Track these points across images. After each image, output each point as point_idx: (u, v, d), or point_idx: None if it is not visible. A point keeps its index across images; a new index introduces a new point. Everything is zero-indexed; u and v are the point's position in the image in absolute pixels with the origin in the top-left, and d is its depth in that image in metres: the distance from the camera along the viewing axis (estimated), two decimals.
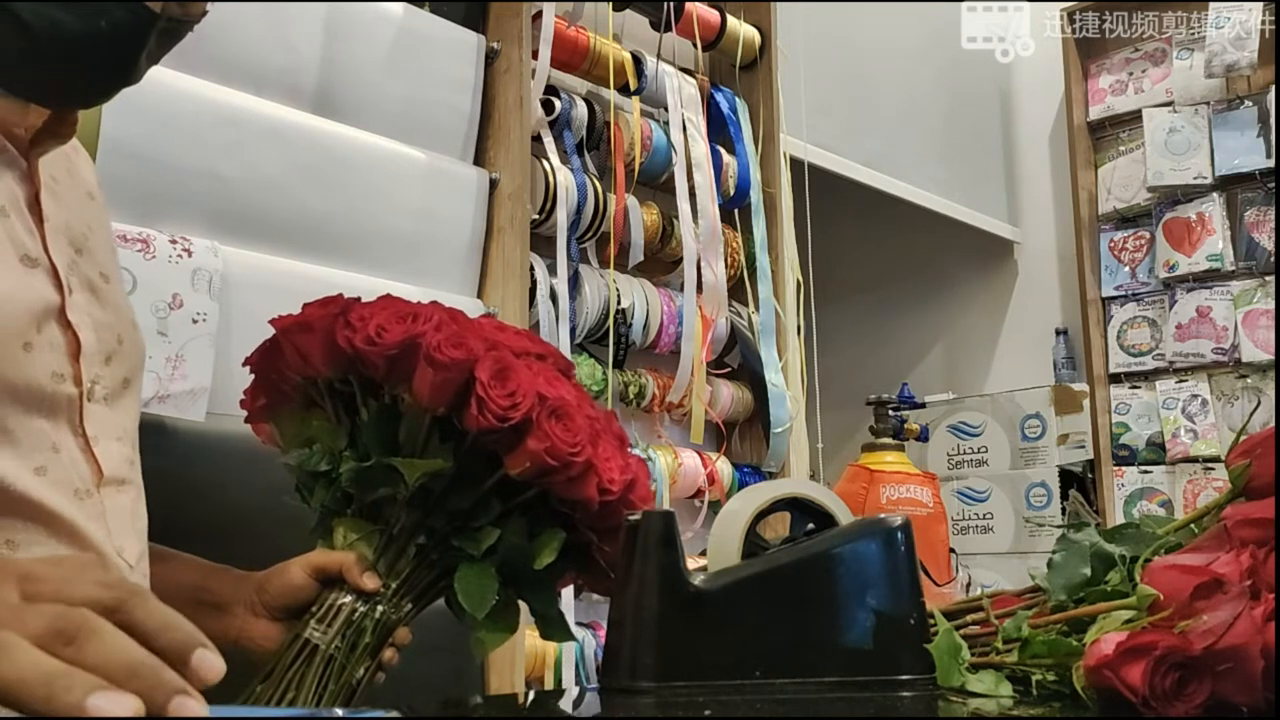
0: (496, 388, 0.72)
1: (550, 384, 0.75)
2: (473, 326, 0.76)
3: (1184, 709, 0.58)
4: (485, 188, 1.79)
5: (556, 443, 0.72)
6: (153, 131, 1.36)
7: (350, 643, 0.75)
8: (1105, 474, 3.06)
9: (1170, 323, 3.01)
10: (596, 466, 0.75)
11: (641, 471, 0.81)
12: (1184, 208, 3.02)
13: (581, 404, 0.77)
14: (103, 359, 0.72)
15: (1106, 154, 3.24)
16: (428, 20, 1.77)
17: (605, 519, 0.78)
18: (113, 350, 0.73)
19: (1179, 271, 3.00)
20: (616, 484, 0.76)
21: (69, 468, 0.67)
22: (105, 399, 0.72)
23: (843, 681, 0.76)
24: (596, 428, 0.77)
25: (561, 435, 0.73)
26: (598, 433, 0.77)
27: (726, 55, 2.35)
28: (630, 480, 0.78)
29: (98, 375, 0.71)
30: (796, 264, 2.37)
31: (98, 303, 0.73)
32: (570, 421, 0.73)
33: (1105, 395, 3.12)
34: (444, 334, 0.73)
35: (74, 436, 0.68)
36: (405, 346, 0.73)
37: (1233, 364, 2.92)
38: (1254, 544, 0.63)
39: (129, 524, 0.72)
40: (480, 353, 0.73)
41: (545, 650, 1.74)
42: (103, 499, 0.70)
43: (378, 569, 0.77)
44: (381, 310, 0.76)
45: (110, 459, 0.71)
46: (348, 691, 0.75)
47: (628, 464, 0.79)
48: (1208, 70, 2.91)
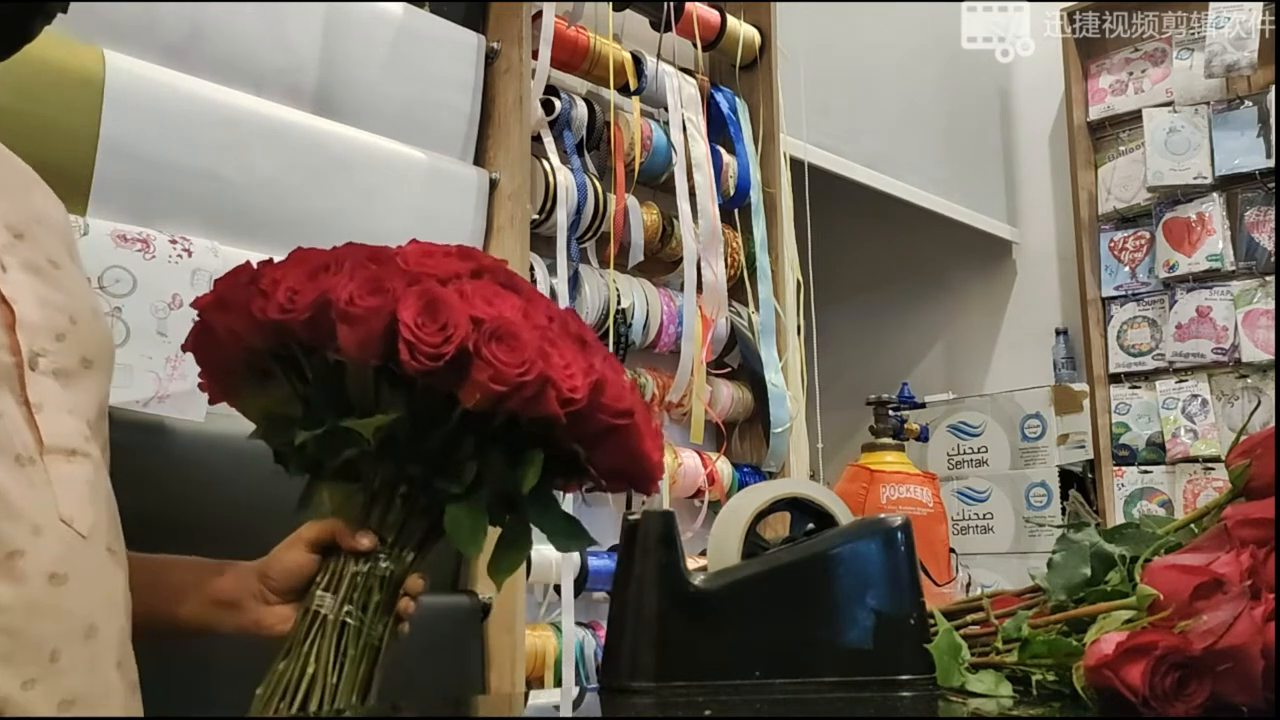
0: (425, 326, 0.67)
1: (488, 303, 0.70)
2: (393, 262, 0.71)
3: (1184, 709, 0.58)
4: (485, 188, 1.79)
5: (501, 368, 0.67)
6: (153, 131, 1.36)
7: (361, 604, 0.75)
8: (1105, 474, 3.06)
9: (1170, 323, 3.01)
10: (553, 379, 0.69)
11: (612, 371, 0.74)
12: (1184, 208, 3.02)
13: (531, 312, 0.72)
14: (51, 335, 0.72)
15: (1106, 154, 3.24)
16: (428, 20, 1.77)
17: (582, 427, 0.73)
18: (64, 329, 0.73)
19: (1179, 271, 3.00)
20: (580, 391, 0.70)
21: (10, 434, 0.67)
22: (55, 374, 0.71)
23: (843, 681, 0.76)
24: (549, 336, 0.71)
25: (505, 358, 0.68)
26: (551, 340, 0.71)
27: (726, 55, 2.35)
28: (596, 382, 0.72)
29: (43, 349, 0.71)
30: (796, 264, 2.37)
31: (43, 284, 0.73)
32: (514, 340, 0.68)
33: (1105, 395, 3.12)
34: (357, 282, 0.69)
35: (17, 405, 0.68)
36: (319, 306, 0.69)
37: (1233, 364, 2.92)
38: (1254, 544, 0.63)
39: (84, 494, 0.71)
40: (400, 292, 0.68)
41: (545, 650, 1.74)
42: (46, 467, 0.68)
43: (370, 526, 0.76)
44: (293, 269, 0.72)
45: (56, 428, 0.70)
46: (372, 653, 0.75)
47: (591, 365, 0.73)
48: (1208, 70, 2.90)
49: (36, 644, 0.65)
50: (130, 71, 1.36)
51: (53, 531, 0.67)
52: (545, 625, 1.79)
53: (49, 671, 0.65)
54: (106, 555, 0.72)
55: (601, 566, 1.86)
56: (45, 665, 0.65)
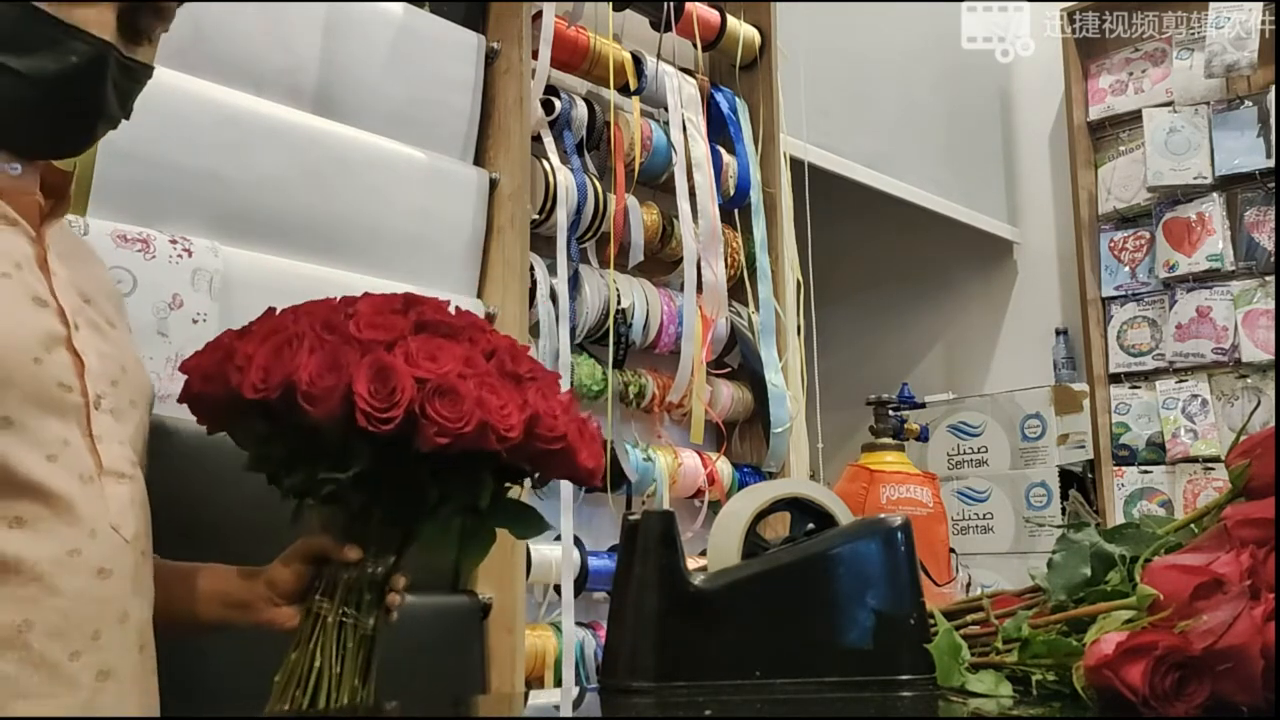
0: (377, 394, 0.78)
1: (431, 360, 0.81)
2: (346, 329, 0.81)
3: (1184, 709, 0.58)
4: (485, 188, 1.79)
5: (443, 423, 0.78)
6: (153, 132, 1.36)
7: (355, 604, 0.89)
8: (1105, 474, 3.06)
9: (1170, 323, 3.01)
10: (491, 423, 0.80)
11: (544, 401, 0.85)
12: (1184, 208, 3.02)
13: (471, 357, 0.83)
14: (108, 381, 0.88)
15: (1106, 154, 3.24)
16: (428, 20, 1.77)
17: (523, 454, 0.84)
18: (117, 376, 0.89)
19: (1179, 271, 3.00)
20: (515, 429, 0.81)
21: (76, 458, 0.82)
22: (112, 412, 0.87)
23: (843, 681, 0.76)
24: (487, 382, 0.82)
25: (447, 413, 0.79)
26: (490, 386, 0.82)
27: (726, 55, 2.35)
28: (530, 417, 0.83)
29: (104, 391, 0.86)
30: (796, 264, 2.37)
31: (103, 339, 0.89)
32: (454, 395, 0.79)
33: (1105, 395, 3.12)
34: (316, 359, 0.79)
35: (82, 436, 0.84)
36: (285, 386, 0.79)
37: (1233, 364, 2.92)
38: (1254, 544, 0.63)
39: (128, 509, 0.87)
40: (353, 366, 0.79)
41: (545, 650, 1.74)
42: (103, 486, 0.84)
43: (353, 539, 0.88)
44: (261, 345, 0.82)
45: (111, 456, 0.86)
46: (367, 642, 0.89)
47: (525, 400, 0.83)
48: (1208, 70, 2.90)
49: (83, 624, 0.81)
50: None
51: (104, 536, 0.83)
52: (545, 625, 1.79)
53: (91, 647, 0.81)
54: (140, 557, 0.88)
55: (601, 566, 1.86)
56: (89, 641, 0.81)
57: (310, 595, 0.90)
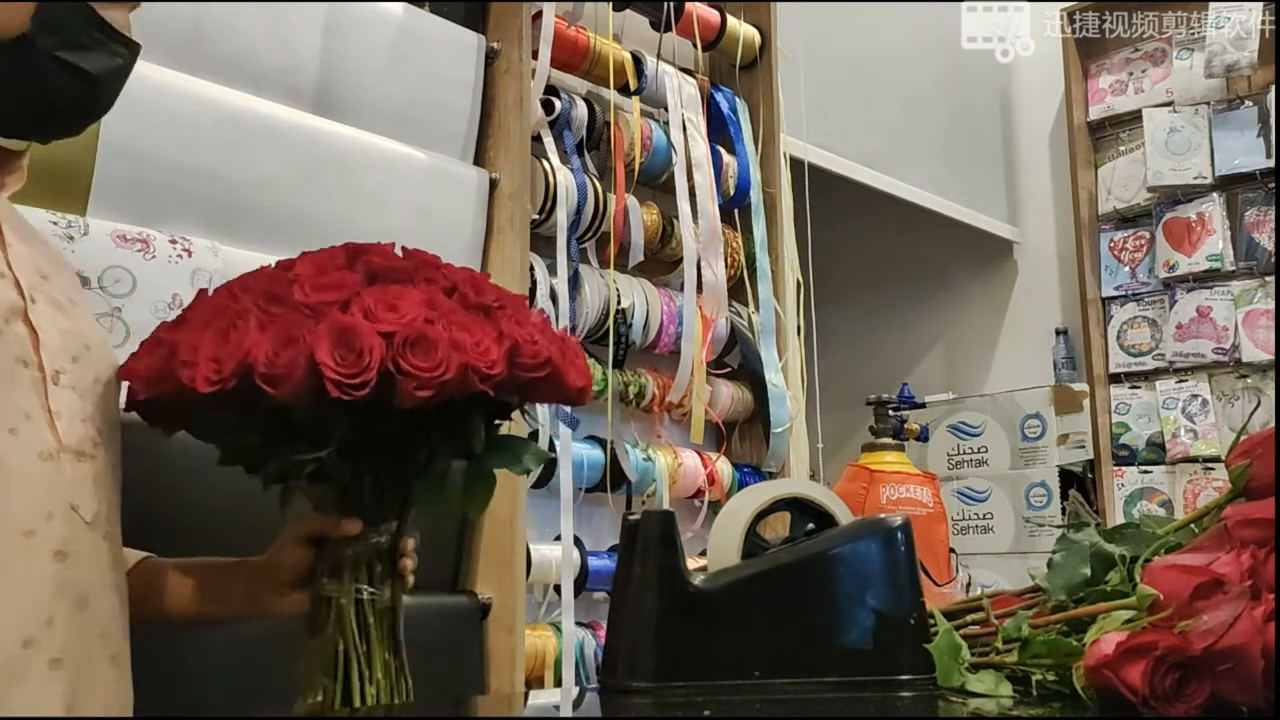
0: (344, 359, 0.71)
1: (392, 310, 0.74)
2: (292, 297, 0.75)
3: (1184, 709, 0.58)
4: (485, 188, 1.79)
5: (422, 375, 0.72)
6: (153, 131, 1.36)
7: (367, 578, 0.84)
8: (1105, 474, 3.06)
9: (1170, 323, 3.01)
10: (471, 364, 0.74)
11: (520, 328, 0.78)
12: (1184, 208, 3.02)
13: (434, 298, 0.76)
14: (69, 357, 0.84)
15: (1106, 154, 3.24)
16: (428, 20, 1.77)
17: (510, 387, 0.78)
18: (79, 353, 0.86)
19: (1179, 271, 3.00)
20: (498, 365, 0.75)
21: (36, 433, 0.79)
22: (73, 388, 0.83)
23: (843, 681, 0.76)
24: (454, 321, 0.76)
25: (423, 363, 0.73)
26: (460, 324, 0.76)
27: (726, 55, 2.35)
28: (510, 349, 0.76)
29: (63, 367, 0.83)
30: (796, 264, 2.37)
31: (64, 316, 0.86)
32: (426, 344, 0.73)
33: (1105, 395, 3.12)
34: (269, 336, 0.73)
35: (42, 411, 0.80)
36: (242, 372, 0.73)
37: (1233, 364, 2.92)
38: (1254, 544, 0.63)
39: (90, 488, 0.83)
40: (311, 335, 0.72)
41: (545, 650, 1.74)
42: (62, 464, 0.80)
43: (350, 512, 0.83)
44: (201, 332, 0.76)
45: (72, 433, 0.82)
46: (389, 614, 0.85)
47: (500, 332, 0.77)
48: (1208, 70, 2.90)
49: (37, 609, 0.76)
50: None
51: (62, 517, 0.79)
52: (545, 625, 1.79)
53: (45, 634, 0.77)
54: (103, 540, 0.84)
55: (601, 566, 1.86)
56: (42, 628, 0.76)
57: (317, 579, 0.85)
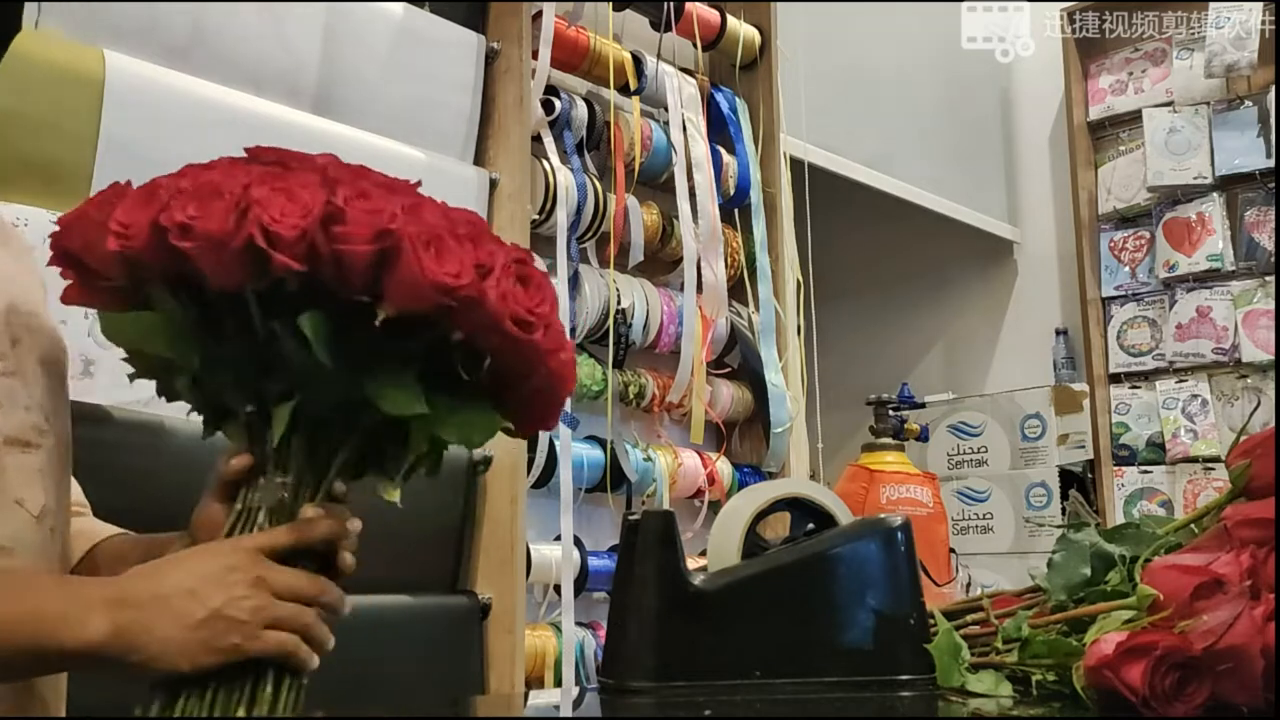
0: (287, 211, 0.63)
1: (363, 197, 0.66)
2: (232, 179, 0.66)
3: (1184, 709, 0.58)
4: (485, 188, 1.79)
5: (355, 238, 0.61)
6: (152, 131, 1.36)
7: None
8: (1105, 474, 3.06)
9: (1170, 323, 3.01)
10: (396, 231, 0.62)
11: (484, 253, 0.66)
12: (1184, 208, 3.02)
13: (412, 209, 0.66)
14: (8, 341, 0.79)
15: (1106, 154, 3.24)
16: (428, 20, 1.77)
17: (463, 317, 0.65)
18: (19, 335, 0.80)
19: (1179, 271, 3.00)
20: (465, 276, 0.64)
21: None
22: (11, 374, 0.78)
23: (843, 681, 0.76)
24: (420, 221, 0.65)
25: (358, 224, 0.62)
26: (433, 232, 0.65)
27: (726, 55, 2.35)
28: (478, 267, 0.64)
29: (2, 352, 0.78)
30: (796, 264, 2.37)
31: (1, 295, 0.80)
32: (366, 214, 0.64)
33: (1105, 395, 3.12)
34: (196, 201, 0.64)
35: None
36: (154, 231, 0.63)
37: (1233, 364, 2.92)
38: (1254, 544, 0.63)
39: (34, 480, 0.78)
40: (246, 191, 0.63)
41: (545, 650, 1.74)
42: (3, 455, 0.76)
43: (264, 451, 0.71)
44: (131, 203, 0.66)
45: (12, 423, 0.77)
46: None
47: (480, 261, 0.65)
48: (1208, 70, 2.90)
49: None
50: (130, 72, 1.36)
51: (6, 511, 0.75)
52: (545, 625, 1.79)
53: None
54: (49, 534, 0.80)
55: (601, 566, 1.86)
56: None
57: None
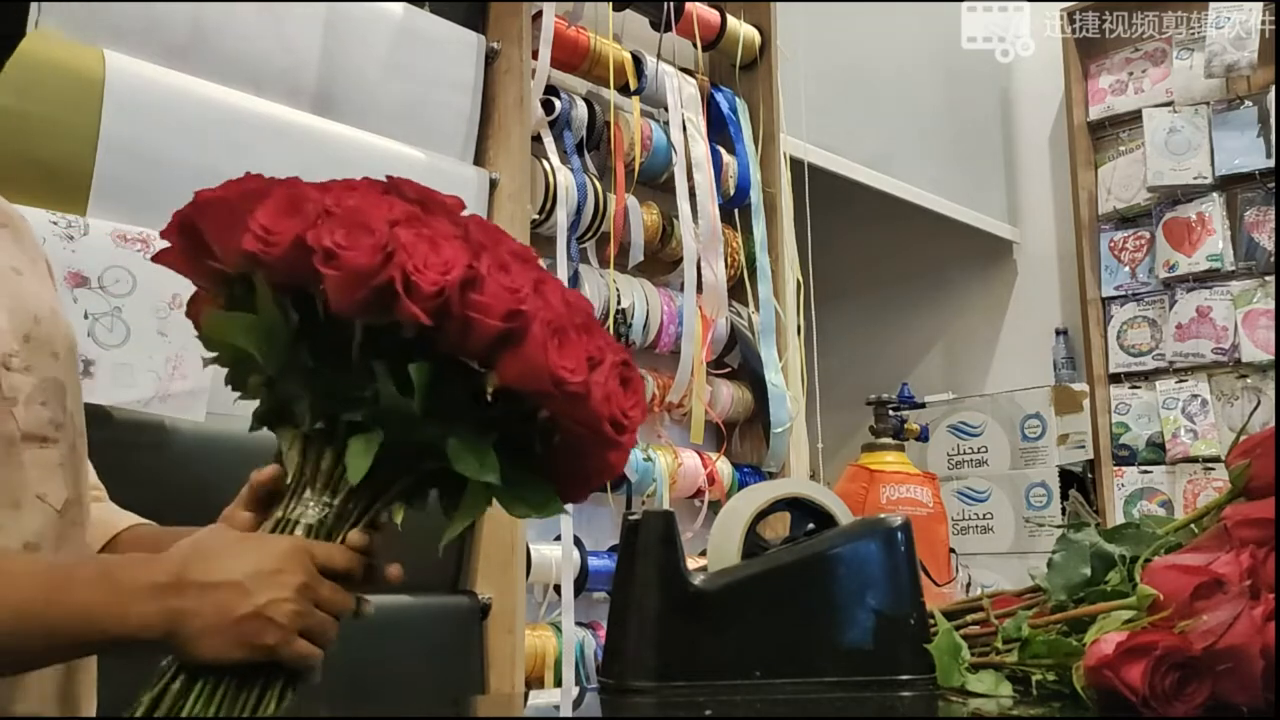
0: (430, 265, 0.63)
1: (503, 271, 0.66)
2: (376, 212, 0.66)
3: (1184, 709, 0.59)
4: (485, 188, 1.79)
5: (484, 311, 0.61)
6: (153, 131, 1.36)
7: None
8: (1105, 474, 3.06)
9: (1170, 323, 3.01)
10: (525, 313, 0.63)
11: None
12: (1184, 208, 3.02)
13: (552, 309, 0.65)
14: (19, 337, 0.79)
15: (1106, 154, 3.24)
16: (428, 20, 1.77)
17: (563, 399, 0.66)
18: (30, 330, 0.80)
19: (1179, 271, 3.00)
20: (578, 373, 0.64)
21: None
22: (26, 370, 0.79)
23: (843, 681, 0.76)
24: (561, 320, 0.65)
25: (486, 299, 0.62)
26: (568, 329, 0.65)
27: (726, 55, 2.35)
28: (590, 358, 0.65)
29: (13, 350, 0.78)
30: (796, 264, 2.37)
31: (9, 290, 0.81)
32: (482, 286, 0.64)
33: (1105, 395, 3.12)
34: (341, 225, 0.64)
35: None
36: (295, 250, 0.62)
37: (1233, 364, 2.92)
38: (1254, 544, 0.63)
39: (54, 475, 0.79)
40: (391, 231, 0.63)
41: (545, 650, 1.74)
42: (22, 451, 0.77)
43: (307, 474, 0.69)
44: (269, 204, 0.65)
45: (30, 419, 0.78)
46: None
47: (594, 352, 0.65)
48: (1208, 70, 2.90)
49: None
50: (130, 71, 1.36)
51: (30, 507, 0.76)
52: (545, 625, 1.79)
53: None
54: (72, 527, 0.81)
55: (601, 566, 1.86)
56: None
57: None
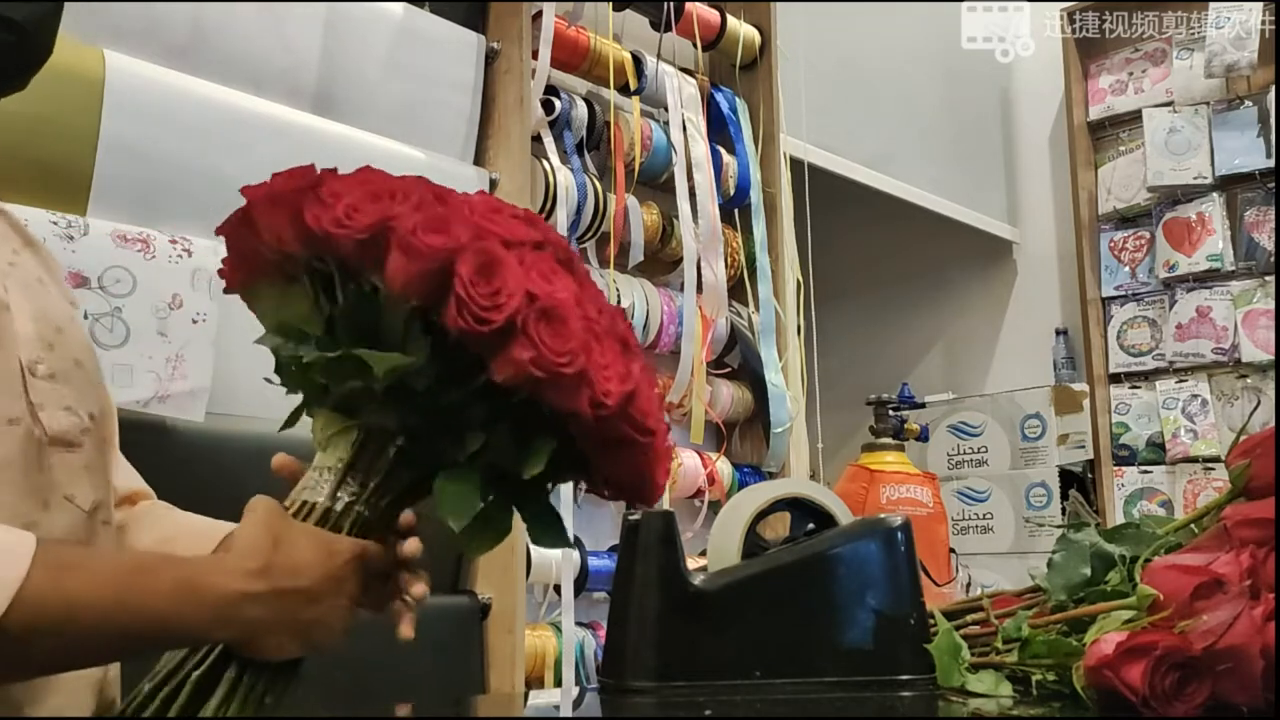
0: (479, 285, 0.64)
1: (545, 279, 0.67)
2: (461, 209, 0.68)
3: (1184, 709, 0.59)
4: (485, 188, 1.79)
5: (544, 351, 0.64)
6: (153, 131, 1.36)
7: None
8: (1105, 474, 3.06)
9: (1170, 323, 3.01)
10: (591, 377, 0.66)
11: (646, 382, 0.70)
12: (1184, 208, 3.02)
13: (582, 302, 0.69)
14: (44, 345, 0.82)
15: (1106, 154, 3.24)
16: (428, 20, 1.77)
17: (603, 432, 0.69)
18: (53, 339, 0.83)
19: (1179, 271, 3.00)
20: (613, 396, 0.67)
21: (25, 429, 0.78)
22: (51, 377, 0.82)
23: (843, 681, 0.76)
24: (596, 330, 0.68)
25: (550, 342, 0.64)
26: (597, 335, 0.68)
27: (726, 55, 2.35)
28: (630, 392, 0.68)
29: (39, 357, 0.81)
30: (796, 264, 2.37)
31: (32, 300, 0.84)
32: (562, 326, 0.65)
33: (1105, 395, 3.12)
34: (423, 216, 0.66)
35: (25, 406, 0.79)
36: (377, 230, 0.66)
37: (1233, 364, 2.92)
38: (1254, 544, 0.63)
39: (81, 477, 0.82)
40: (464, 242, 0.65)
41: (545, 650, 1.74)
42: (49, 454, 0.80)
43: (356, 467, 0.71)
44: (357, 186, 0.70)
45: (55, 424, 0.81)
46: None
47: (629, 372, 0.69)
48: (1208, 70, 2.91)
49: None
50: (130, 71, 1.36)
51: (59, 507, 0.79)
52: (545, 625, 1.79)
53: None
54: (101, 526, 0.84)
55: (601, 566, 1.86)
56: None
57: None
